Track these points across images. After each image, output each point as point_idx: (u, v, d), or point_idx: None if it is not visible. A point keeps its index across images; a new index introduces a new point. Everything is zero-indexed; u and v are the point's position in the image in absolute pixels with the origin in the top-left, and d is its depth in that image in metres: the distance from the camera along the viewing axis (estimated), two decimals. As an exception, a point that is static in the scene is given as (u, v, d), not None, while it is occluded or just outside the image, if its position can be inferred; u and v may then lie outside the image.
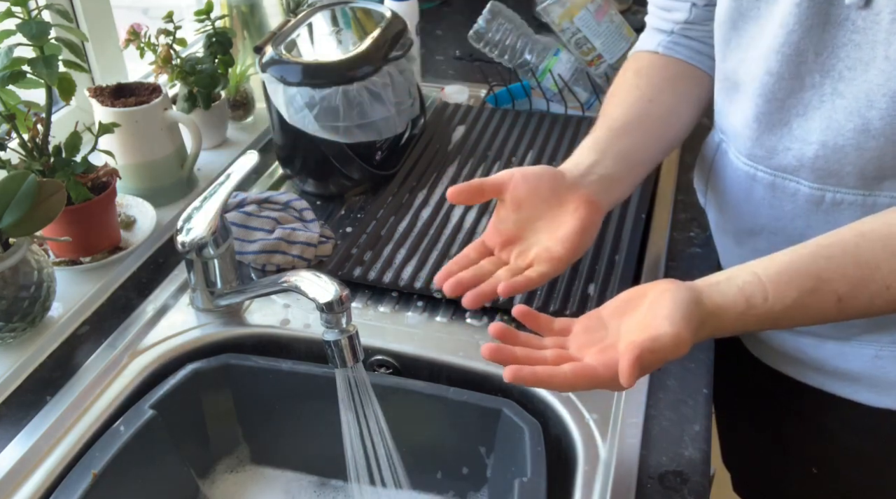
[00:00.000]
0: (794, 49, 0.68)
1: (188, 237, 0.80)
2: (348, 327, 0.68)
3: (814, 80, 0.69)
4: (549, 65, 1.21)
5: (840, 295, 0.59)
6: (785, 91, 0.71)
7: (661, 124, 0.82)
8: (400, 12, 1.15)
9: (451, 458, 0.80)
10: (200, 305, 0.86)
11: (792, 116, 0.71)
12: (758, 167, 0.77)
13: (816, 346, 0.81)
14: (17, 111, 0.85)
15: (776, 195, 0.75)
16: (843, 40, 0.65)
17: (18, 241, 0.79)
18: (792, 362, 0.85)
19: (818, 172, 0.71)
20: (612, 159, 0.76)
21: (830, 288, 0.59)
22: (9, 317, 0.79)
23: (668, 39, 0.86)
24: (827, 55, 0.67)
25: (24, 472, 0.69)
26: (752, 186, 0.78)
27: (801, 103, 0.70)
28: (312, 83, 0.97)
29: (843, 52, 0.66)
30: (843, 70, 0.66)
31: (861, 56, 0.65)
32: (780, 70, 0.70)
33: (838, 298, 0.59)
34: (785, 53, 0.69)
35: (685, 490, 0.67)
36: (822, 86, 0.68)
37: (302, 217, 0.97)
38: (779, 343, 0.85)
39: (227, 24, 1.20)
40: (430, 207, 1.02)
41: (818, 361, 0.82)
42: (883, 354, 0.77)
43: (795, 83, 0.70)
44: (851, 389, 0.81)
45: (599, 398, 0.76)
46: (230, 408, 0.82)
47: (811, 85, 0.69)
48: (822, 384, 0.83)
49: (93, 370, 0.79)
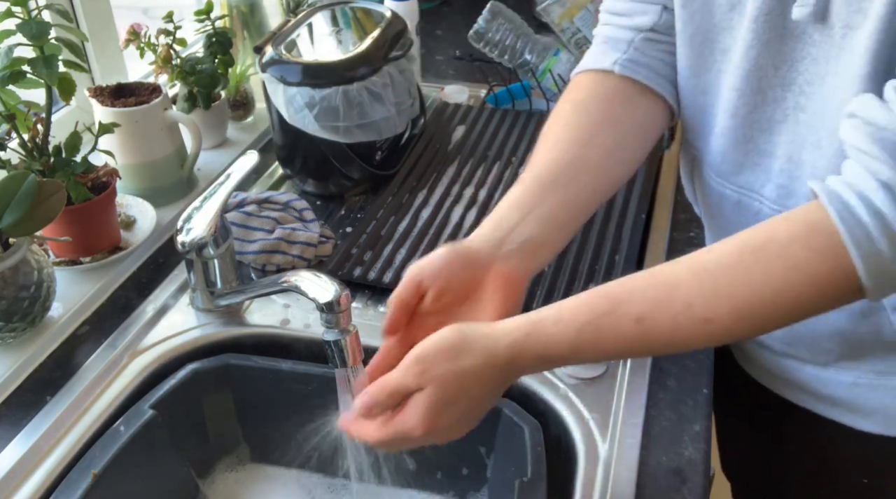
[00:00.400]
0: (754, 64, 0.67)
1: (188, 237, 0.80)
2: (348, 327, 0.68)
3: (776, 94, 0.67)
4: (549, 65, 1.21)
5: (639, 315, 0.56)
6: (748, 107, 0.69)
7: (596, 173, 0.73)
8: (400, 12, 1.15)
9: (451, 458, 0.80)
10: (200, 305, 0.86)
11: (756, 131, 0.70)
12: (725, 184, 0.76)
13: (798, 368, 0.81)
14: (17, 111, 0.85)
15: (741, 213, 0.74)
16: (802, 54, 0.64)
17: (18, 241, 0.79)
18: (780, 382, 0.84)
19: (780, 189, 0.70)
20: (536, 221, 0.68)
21: (627, 309, 0.56)
22: (9, 317, 0.78)
23: (625, 57, 0.75)
24: (787, 69, 0.66)
25: (24, 472, 0.69)
26: (721, 203, 0.77)
27: (765, 118, 0.69)
28: (312, 83, 0.97)
29: (802, 65, 0.64)
30: (803, 84, 0.65)
31: (818, 70, 0.63)
32: (742, 85, 0.69)
33: (637, 318, 0.56)
34: (745, 68, 0.68)
35: (685, 490, 0.67)
36: (785, 100, 0.67)
37: (302, 217, 0.97)
38: (766, 362, 0.85)
39: (227, 24, 1.20)
40: (430, 207, 1.02)
41: (801, 382, 0.81)
42: (861, 381, 0.76)
43: (758, 98, 0.69)
44: (833, 411, 0.80)
45: (599, 398, 0.76)
46: (230, 408, 0.82)
47: (773, 99, 0.68)
48: (808, 405, 0.82)
49: (93, 370, 0.79)
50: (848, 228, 0.51)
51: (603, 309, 0.57)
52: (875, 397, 0.76)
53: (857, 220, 0.51)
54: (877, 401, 0.76)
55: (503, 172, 1.08)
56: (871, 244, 0.51)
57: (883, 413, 0.77)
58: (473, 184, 1.06)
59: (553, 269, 0.90)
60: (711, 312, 0.54)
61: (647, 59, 0.76)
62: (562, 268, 0.91)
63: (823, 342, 0.76)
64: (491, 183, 1.06)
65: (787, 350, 0.81)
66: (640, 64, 0.75)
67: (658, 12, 0.75)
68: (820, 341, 0.76)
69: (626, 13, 0.77)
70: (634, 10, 0.76)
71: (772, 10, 0.64)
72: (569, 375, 0.78)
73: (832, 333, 0.74)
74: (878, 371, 0.75)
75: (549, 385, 0.77)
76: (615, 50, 0.76)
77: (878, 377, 0.75)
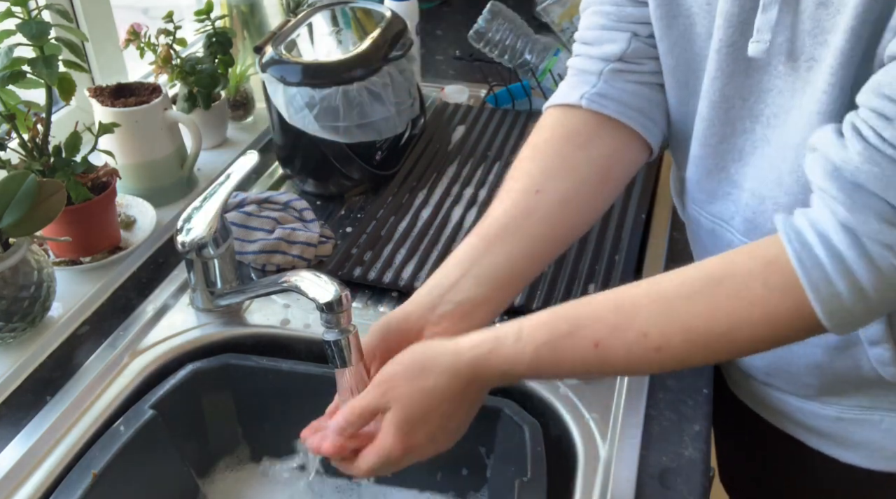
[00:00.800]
0: (720, 95, 0.66)
1: (188, 237, 0.80)
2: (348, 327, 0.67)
3: (745, 125, 0.66)
4: (549, 65, 1.21)
5: (597, 340, 0.57)
6: (717, 137, 0.69)
7: (546, 223, 0.69)
8: (400, 12, 1.15)
9: (451, 458, 0.79)
10: (200, 305, 0.86)
11: (728, 162, 0.69)
12: (700, 212, 0.75)
13: (782, 399, 0.80)
14: (17, 111, 0.85)
15: (716, 243, 0.74)
16: (769, 86, 0.63)
17: (18, 241, 0.79)
18: (768, 409, 0.83)
19: (747, 223, 0.69)
20: (474, 280, 0.66)
21: (586, 333, 0.57)
22: (9, 317, 0.78)
23: (593, 90, 0.72)
24: (754, 100, 0.64)
25: (24, 472, 0.69)
26: (699, 230, 0.77)
27: (736, 149, 0.68)
28: (312, 83, 0.97)
29: (770, 97, 0.63)
30: (770, 116, 0.64)
31: (783, 103, 0.62)
32: (710, 115, 0.68)
33: (595, 343, 0.57)
34: (712, 100, 0.67)
35: (685, 490, 0.67)
36: (754, 131, 0.66)
37: (302, 217, 0.97)
38: (753, 389, 0.84)
39: (227, 24, 1.20)
40: (430, 207, 1.02)
41: (787, 412, 0.80)
42: (845, 416, 0.75)
43: (727, 129, 0.67)
44: (818, 443, 0.79)
45: (599, 398, 0.76)
46: (230, 408, 0.82)
47: (742, 130, 0.67)
48: (795, 433, 0.81)
49: (93, 370, 0.79)
50: (805, 270, 0.51)
51: (562, 331, 0.58)
52: (860, 431, 0.75)
53: (816, 261, 0.51)
54: (862, 435, 0.75)
55: (503, 172, 1.08)
56: (830, 287, 0.51)
57: (868, 447, 0.76)
58: (473, 184, 1.06)
59: (553, 269, 0.90)
60: (665, 342, 0.55)
61: (615, 91, 0.73)
62: (562, 268, 0.91)
63: (802, 376, 0.75)
64: (491, 183, 1.06)
65: (768, 381, 0.80)
66: (608, 97, 0.72)
67: (627, 40, 0.72)
68: (799, 375, 0.75)
69: (595, 42, 0.74)
70: (602, 39, 0.73)
71: (734, 42, 0.62)
72: (569, 375, 0.78)
73: (810, 366, 0.73)
74: (861, 406, 0.74)
75: (549, 385, 0.77)
76: (585, 83, 0.73)
77: (862, 412, 0.74)
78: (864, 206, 0.50)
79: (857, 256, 0.50)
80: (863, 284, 0.50)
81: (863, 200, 0.50)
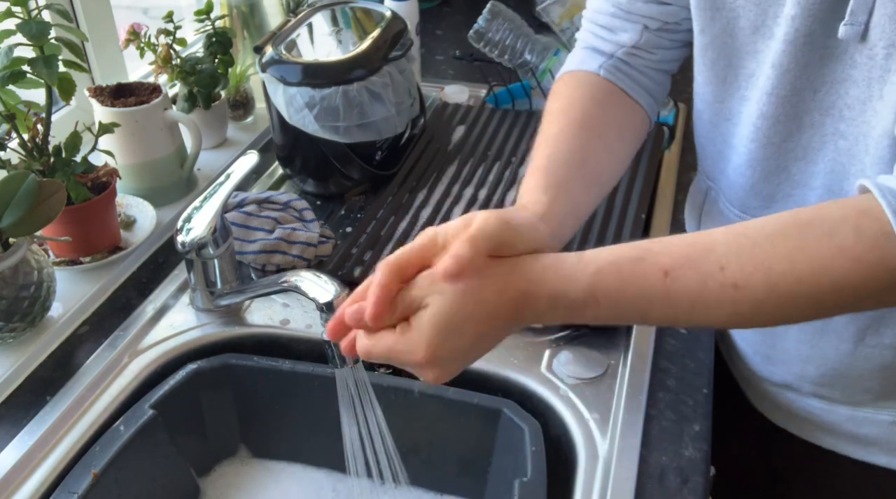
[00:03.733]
0: (791, 89, 0.64)
1: (188, 237, 0.80)
2: (348, 327, 0.67)
3: (813, 119, 0.64)
4: (549, 65, 1.21)
5: (667, 269, 0.52)
6: (782, 135, 0.67)
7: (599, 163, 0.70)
8: (400, 12, 1.15)
9: (451, 458, 0.80)
10: (200, 305, 0.86)
11: (790, 161, 0.67)
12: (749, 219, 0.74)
13: (828, 410, 0.78)
14: (17, 111, 0.85)
15: None
16: (842, 76, 0.61)
17: (18, 241, 0.79)
18: (801, 423, 0.82)
19: None
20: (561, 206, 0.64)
21: (656, 259, 0.53)
22: (9, 317, 0.78)
23: (609, 62, 0.76)
24: (825, 92, 0.63)
25: (24, 472, 0.69)
26: None
27: (801, 146, 0.66)
28: (312, 83, 0.97)
29: (843, 88, 0.62)
30: (842, 108, 0.62)
31: (859, 94, 0.61)
32: (776, 113, 0.66)
33: (665, 270, 0.52)
34: (780, 95, 0.65)
35: (685, 490, 0.67)
36: (823, 125, 0.64)
37: (302, 217, 0.97)
38: (786, 402, 0.82)
39: (227, 24, 1.20)
40: (430, 207, 1.02)
41: (829, 424, 0.79)
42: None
43: (793, 125, 0.66)
44: (865, 451, 0.78)
45: (599, 398, 0.76)
46: (230, 408, 0.82)
47: (810, 124, 0.65)
48: (834, 446, 0.80)
49: (93, 370, 0.79)
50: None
51: (631, 255, 0.53)
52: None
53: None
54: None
55: (503, 172, 1.08)
56: None
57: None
58: (473, 184, 1.06)
59: (553, 269, 0.90)
60: (744, 279, 0.51)
61: (629, 69, 0.76)
62: (562, 268, 0.91)
63: (864, 381, 0.74)
64: (491, 183, 1.06)
65: (818, 391, 0.78)
66: (622, 72, 0.76)
67: (639, 31, 0.74)
68: (860, 381, 0.74)
69: (608, 27, 0.76)
70: (615, 27, 0.76)
71: (812, 31, 0.61)
72: (569, 375, 0.78)
73: (877, 369, 0.72)
74: None
75: (549, 385, 0.77)
76: (600, 55, 0.76)
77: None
78: None
79: None
80: None
81: None
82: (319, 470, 0.84)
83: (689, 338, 0.82)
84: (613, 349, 0.81)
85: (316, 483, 0.83)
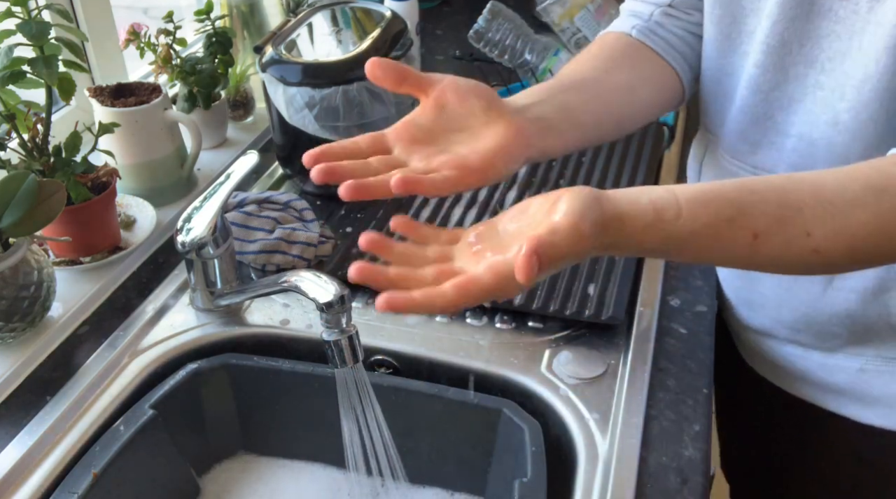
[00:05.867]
0: (779, 40, 0.68)
1: (188, 237, 0.80)
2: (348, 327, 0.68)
3: (797, 71, 0.69)
4: (549, 65, 1.21)
5: (757, 232, 0.54)
6: (770, 83, 0.71)
7: (613, 94, 0.73)
8: (400, 12, 1.14)
9: (450, 458, 0.80)
10: (200, 305, 0.86)
11: (775, 109, 0.72)
12: (740, 166, 0.76)
13: (802, 356, 0.81)
14: (17, 111, 0.85)
15: None
16: (826, 31, 0.65)
17: (18, 241, 0.79)
18: (780, 372, 0.85)
19: (793, 169, 0.71)
20: (553, 107, 0.67)
21: (748, 222, 0.54)
22: (9, 317, 0.78)
23: (643, 24, 0.79)
24: (811, 46, 0.67)
25: (24, 472, 0.69)
26: None
27: (786, 96, 0.70)
28: (312, 83, 0.97)
29: (826, 42, 0.66)
30: (824, 61, 0.66)
31: (840, 47, 0.65)
32: (766, 62, 0.70)
33: (755, 234, 0.54)
34: (770, 44, 0.69)
35: (685, 490, 0.67)
36: (806, 77, 0.68)
37: (302, 217, 0.97)
38: (769, 351, 0.85)
39: (227, 24, 1.20)
40: (430, 206, 1.02)
41: (804, 371, 0.82)
42: (868, 367, 0.77)
43: (780, 75, 0.70)
44: (836, 402, 0.81)
45: (599, 398, 0.76)
46: (230, 408, 0.82)
47: (795, 76, 0.69)
48: (810, 396, 0.83)
49: (93, 370, 0.79)
50: None
51: (726, 215, 0.54)
52: (881, 383, 0.77)
53: None
54: (882, 388, 0.77)
55: (503, 172, 1.08)
56: None
57: (887, 402, 0.77)
58: (473, 184, 1.06)
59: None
60: (827, 246, 0.54)
61: (663, 31, 0.79)
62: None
63: (833, 326, 0.77)
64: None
65: (793, 337, 0.81)
66: (656, 34, 0.79)
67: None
68: (829, 325, 0.77)
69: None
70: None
71: None
72: (569, 375, 0.78)
73: (842, 315, 0.75)
74: (885, 357, 0.76)
75: (549, 385, 0.77)
76: (637, 18, 0.80)
77: (885, 363, 0.76)
78: None
79: None
80: None
81: None
82: (319, 470, 0.84)
83: (689, 338, 0.82)
84: (613, 349, 0.81)
85: (316, 483, 0.83)
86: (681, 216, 0.54)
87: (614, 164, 1.08)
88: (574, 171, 1.07)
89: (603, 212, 0.53)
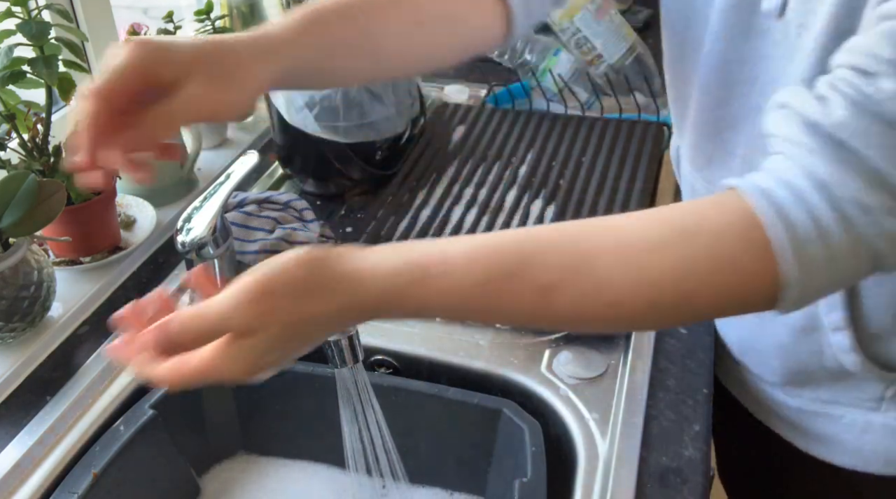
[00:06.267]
0: (720, 58, 0.66)
1: (188, 237, 0.80)
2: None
3: (742, 90, 0.65)
4: (549, 65, 1.21)
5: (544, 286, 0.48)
6: (714, 101, 0.68)
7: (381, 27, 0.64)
8: (400, 12, 1.14)
9: (450, 458, 0.80)
10: (200, 305, 0.86)
11: (723, 128, 0.69)
12: (696, 176, 0.76)
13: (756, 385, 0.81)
14: (17, 111, 0.85)
15: None
16: (764, 52, 0.62)
17: (18, 241, 0.79)
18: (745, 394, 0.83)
19: None
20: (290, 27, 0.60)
21: (533, 274, 0.48)
22: (9, 317, 0.78)
23: None
24: (751, 66, 0.64)
25: (24, 472, 0.69)
26: (693, 196, 0.77)
27: (730, 115, 0.68)
28: (312, 83, 0.97)
29: (764, 64, 0.62)
30: (764, 83, 0.63)
31: (776, 70, 0.61)
32: (709, 79, 0.67)
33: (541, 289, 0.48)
34: (710, 64, 0.66)
35: (685, 490, 0.67)
36: (749, 97, 0.65)
37: (302, 217, 0.97)
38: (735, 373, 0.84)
39: (227, 24, 1.20)
40: (430, 207, 1.02)
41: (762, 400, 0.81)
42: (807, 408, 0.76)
43: (724, 93, 0.67)
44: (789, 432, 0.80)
45: (599, 398, 0.76)
46: (230, 408, 0.82)
47: (739, 95, 0.66)
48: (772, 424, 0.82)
49: (93, 370, 0.79)
50: (787, 227, 0.45)
51: (506, 269, 0.48)
52: (821, 425, 0.76)
53: (788, 221, 0.45)
54: (824, 429, 0.76)
55: (503, 172, 1.08)
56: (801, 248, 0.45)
57: (830, 441, 0.76)
58: (473, 184, 1.06)
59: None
60: (626, 298, 0.47)
61: None
62: (562, 268, 0.91)
63: (770, 358, 0.75)
64: (491, 183, 1.06)
65: (741, 359, 0.80)
66: None
67: None
68: (766, 356, 0.76)
69: None
70: None
71: (738, 3, 0.62)
72: (569, 375, 0.78)
73: (776, 347, 0.73)
74: (822, 400, 0.74)
75: (549, 385, 0.77)
76: None
77: (823, 406, 0.74)
78: (845, 162, 0.44)
79: (835, 218, 0.44)
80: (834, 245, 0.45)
81: (844, 156, 0.44)
82: (319, 470, 0.83)
83: (689, 338, 0.82)
84: (613, 349, 0.81)
85: (316, 483, 0.83)
86: (448, 273, 0.48)
87: (614, 164, 1.08)
88: (574, 171, 1.07)
89: (322, 272, 0.48)
